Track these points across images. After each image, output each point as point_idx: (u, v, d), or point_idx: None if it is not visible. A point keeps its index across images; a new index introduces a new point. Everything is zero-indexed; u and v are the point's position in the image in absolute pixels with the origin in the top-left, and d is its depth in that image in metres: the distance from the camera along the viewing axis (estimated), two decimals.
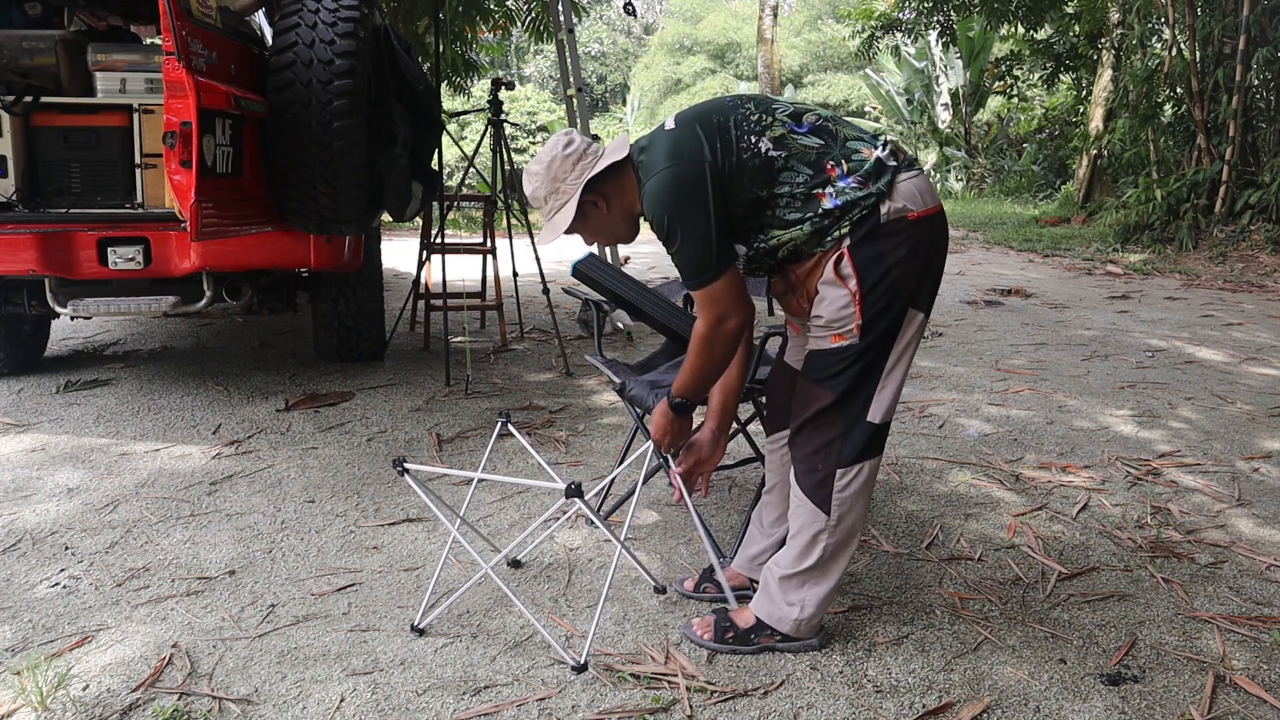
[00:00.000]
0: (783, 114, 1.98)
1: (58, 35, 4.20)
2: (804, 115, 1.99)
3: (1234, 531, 2.89)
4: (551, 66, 31.48)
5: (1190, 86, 10.21)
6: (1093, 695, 2.02)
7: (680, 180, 1.91)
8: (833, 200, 1.93)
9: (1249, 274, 8.75)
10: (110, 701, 1.97)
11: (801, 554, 2.08)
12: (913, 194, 1.94)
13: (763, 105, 2.00)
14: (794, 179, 1.95)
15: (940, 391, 4.48)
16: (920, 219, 1.94)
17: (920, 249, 1.95)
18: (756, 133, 1.95)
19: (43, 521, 2.90)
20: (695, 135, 1.94)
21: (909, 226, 1.93)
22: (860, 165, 1.94)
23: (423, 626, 2.25)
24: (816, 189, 1.94)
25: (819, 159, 1.95)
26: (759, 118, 1.97)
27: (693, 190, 1.91)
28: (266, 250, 3.88)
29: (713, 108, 2.01)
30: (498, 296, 5.45)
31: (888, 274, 1.93)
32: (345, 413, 4.07)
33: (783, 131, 1.96)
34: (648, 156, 2.00)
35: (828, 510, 2.03)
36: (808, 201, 1.95)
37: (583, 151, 2.04)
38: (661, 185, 1.92)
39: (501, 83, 5.33)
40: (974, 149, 21.55)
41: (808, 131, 1.96)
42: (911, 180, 1.95)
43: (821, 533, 2.05)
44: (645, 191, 1.97)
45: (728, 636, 2.13)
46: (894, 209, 1.92)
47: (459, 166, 19.22)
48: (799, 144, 1.95)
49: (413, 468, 2.19)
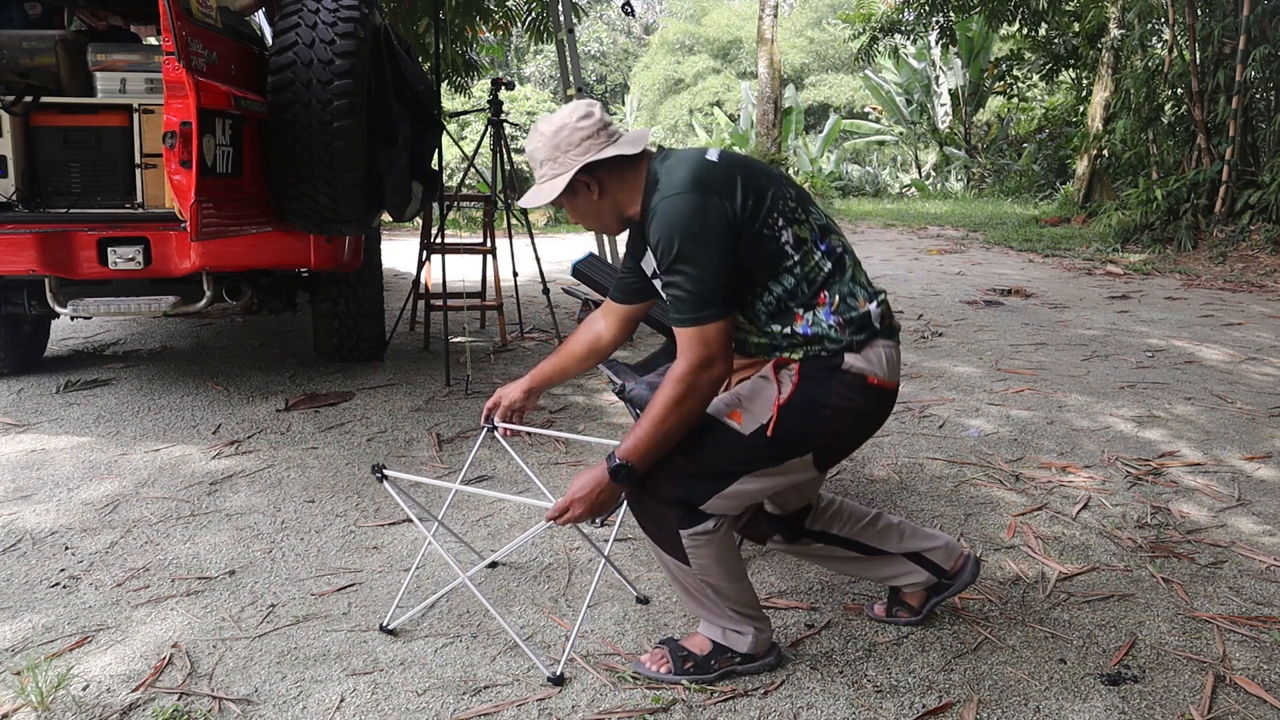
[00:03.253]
0: (814, 220, 1.93)
1: (58, 35, 4.19)
2: (830, 234, 1.94)
3: (1234, 531, 2.89)
4: (551, 66, 31.47)
5: (1190, 87, 10.21)
6: (1093, 695, 2.02)
7: (705, 210, 1.81)
8: (805, 328, 1.89)
9: (1249, 274, 8.75)
10: (110, 701, 1.97)
11: (698, 601, 2.04)
12: (882, 362, 1.90)
13: (802, 199, 1.94)
14: (787, 284, 1.88)
15: (940, 391, 4.49)
16: (877, 387, 1.90)
17: (862, 415, 1.92)
18: (785, 219, 1.88)
19: (43, 521, 2.90)
20: (732, 180, 1.85)
21: (864, 388, 1.89)
22: (849, 311, 1.89)
23: (393, 627, 2.26)
24: (799, 308, 1.89)
25: (819, 283, 1.89)
26: (795, 208, 1.90)
27: (714, 225, 1.81)
28: (266, 250, 3.88)
29: (760, 169, 1.93)
30: (498, 296, 5.45)
31: (819, 411, 1.88)
32: (345, 413, 4.07)
33: (806, 236, 1.90)
34: (671, 169, 1.89)
35: (687, 562, 1.95)
36: (784, 314, 1.90)
37: (596, 129, 1.93)
38: (681, 208, 1.82)
39: (501, 83, 5.33)
40: (974, 149, 21.57)
41: (825, 253, 1.91)
42: (887, 349, 1.92)
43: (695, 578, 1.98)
44: (659, 206, 1.85)
45: (687, 666, 2.05)
46: (858, 365, 1.88)
47: (459, 166, 19.21)
48: (812, 259, 1.89)
49: (392, 474, 2.18)
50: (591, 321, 2.28)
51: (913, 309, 6.87)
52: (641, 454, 1.85)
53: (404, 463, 3.48)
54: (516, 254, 5.43)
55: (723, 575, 1.98)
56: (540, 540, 2.76)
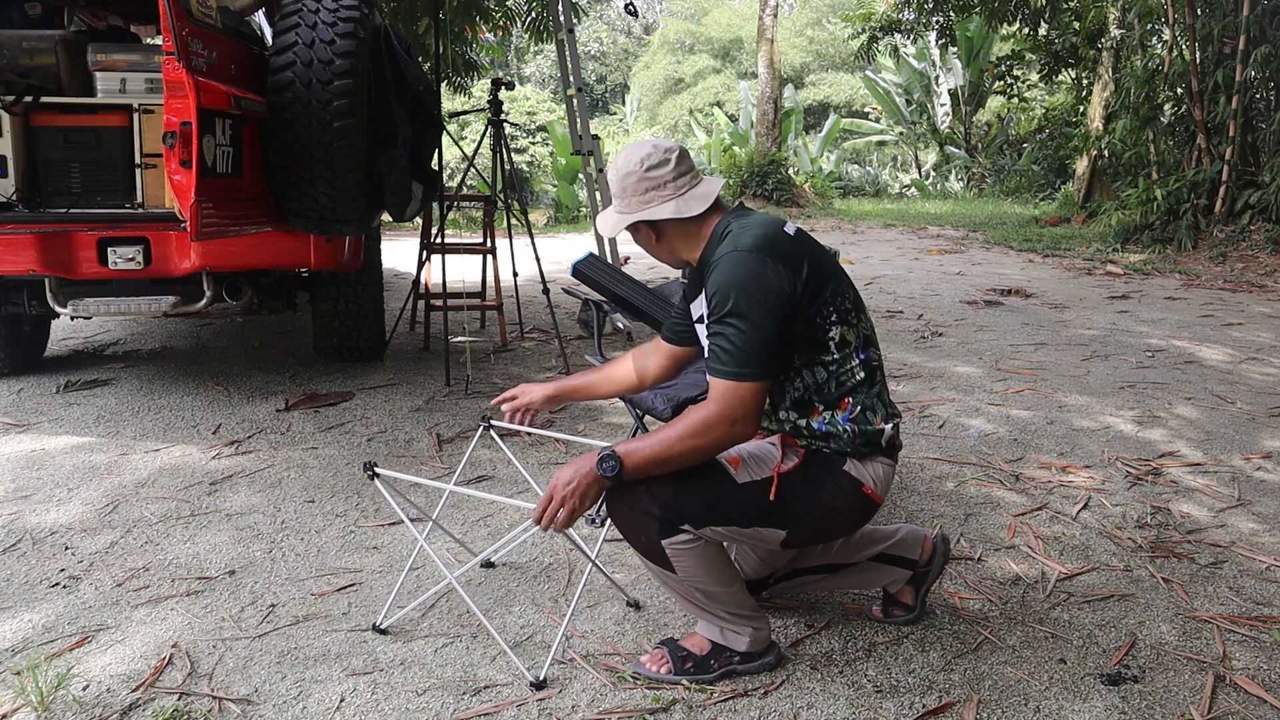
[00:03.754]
0: (862, 329, 1.97)
1: (58, 35, 4.19)
2: (870, 346, 1.98)
3: (1234, 531, 2.89)
4: (551, 66, 31.48)
5: (1190, 87, 10.21)
6: (1093, 695, 2.02)
7: (770, 274, 1.84)
8: (820, 424, 1.94)
9: (1249, 274, 8.75)
10: (110, 701, 1.97)
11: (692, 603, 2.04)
12: (879, 477, 1.97)
13: (857, 304, 1.98)
14: (819, 378, 1.93)
15: (940, 391, 4.48)
16: (868, 497, 1.97)
17: (845, 516, 1.98)
18: (839, 317, 1.92)
19: (43, 521, 2.90)
20: (800, 258, 1.88)
21: (856, 495, 1.95)
22: (865, 424, 1.93)
23: (384, 627, 2.26)
24: (820, 404, 1.94)
25: (847, 389, 1.94)
26: (849, 310, 1.94)
27: (774, 291, 1.84)
28: (266, 250, 3.88)
29: (828, 260, 1.96)
30: (498, 296, 5.45)
31: (811, 494, 1.92)
32: (345, 413, 4.07)
33: (851, 340, 1.93)
34: (746, 228, 1.92)
35: (673, 570, 1.96)
36: (804, 405, 1.95)
37: (665, 181, 1.97)
38: (748, 265, 1.84)
39: (501, 83, 5.32)
40: (974, 149, 21.57)
41: (863, 362, 1.95)
42: (885, 466, 1.98)
43: (683, 584, 1.99)
44: (725, 257, 1.88)
45: (687, 666, 2.05)
46: (858, 472, 1.94)
47: (459, 166, 19.22)
48: (849, 363, 1.93)
49: (384, 473, 2.19)
50: (643, 354, 2.32)
51: (913, 309, 6.87)
52: (636, 462, 1.83)
53: (404, 463, 3.48)
54: (516, 254, 5.43)
55: (711, 581, 1.99)
56: (539, 540, 2.76)
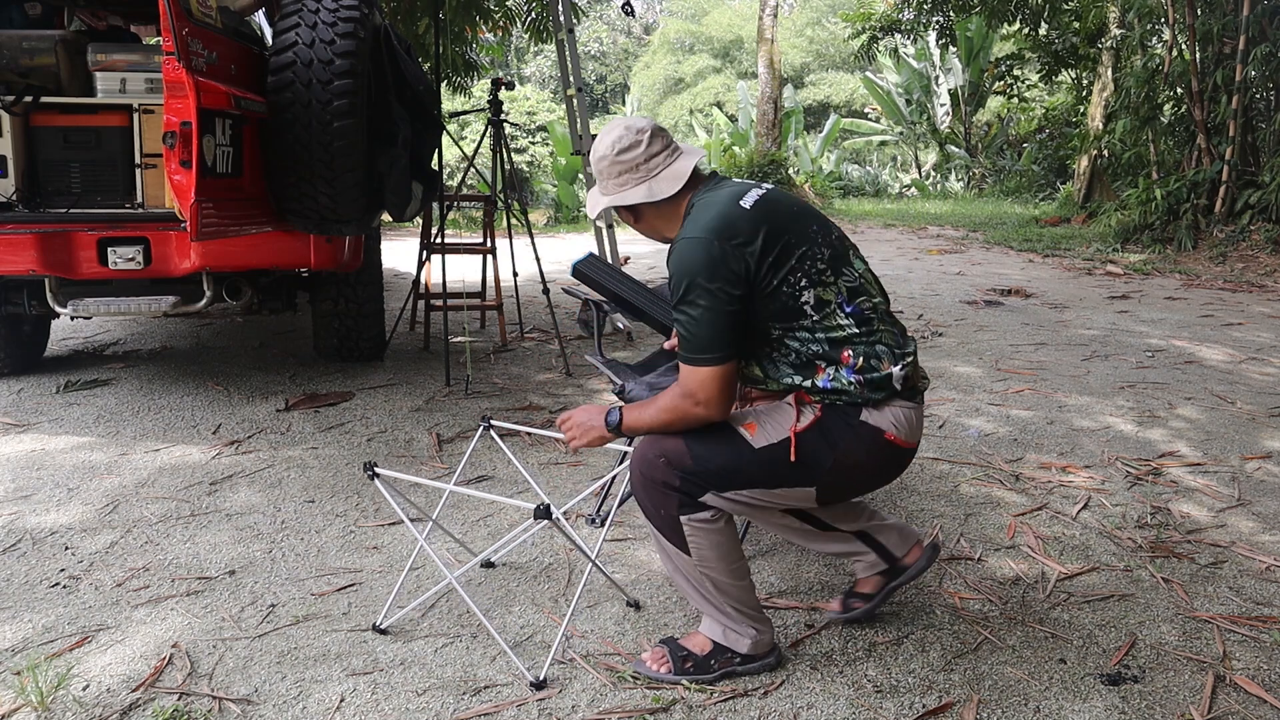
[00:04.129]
0: (844, 283, 1.93)
1: (58, 35, 4.19)
2: (859, 296, 1.94)
3: (1234, 531, 2.89)
4: (551, 66, 31.47)
5: (1190, 86, 10.21)
6: (1093, 695, 2.02)
7: (719, 258, 1.83)
8: (826, 381, 1.91)
9: (1249, 274, 8.75)
10: (110, 701, 1.97)
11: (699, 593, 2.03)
12: (900, 421, 1.92)
13: (836, 261, 1.93)
14: (808, 342, 1.91)
15: (941, 391, 4.48)
16: (893, 443, 1.93)
17: (872, 466, 1.95)
18: (810, 281, 1.89)
19: (43, 521, 2.90)
20: (756, 233, 1.85)
21: (879, 443, 1.91)
22: (871, 371, 1.90)
23: (384, 627, 2.26)
24: (820, 362, 1.91)
25: (842, 342, 1.90)
26: (824, 270, 1.90)
27: (725, 275, 1.83)
28: (266, 250, 3.88)
29: (795, 224, 1.92)
30: (498, 296, 5.45)
31: (830, 450, 1.90)
32: (345, 413, 4.07)
33: (830, 298, 1.90)
34: (704, 208, 1.91)
35: (688, 551, 1.96)
36: (805, 367, 1.93)
37: (637, 163, 1.98)
38: (696, 251, 1.85)
39: (501, 83, 5.32)
40: (974, 149, 21.57)
41: (851, 313, 1.91)
42: (906, 409, 1.93)
43: (695, 568, 1.98)
44: (678, 244, 1.89)
45: (687, 666, 2.04)
46: (876, 419, 1.91)
47: (459, 166, 19.22)
48: (834, 319, 1.90)
49: (384, 473, 2.19)
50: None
51: (913, 309, 6.87)
52: (629, 425, 1.98)
53: (404, 463, 3.48)
54: (516, 254, 5.42)
55: (723, 570, 1.98)
56: (539, 540, 2.76)
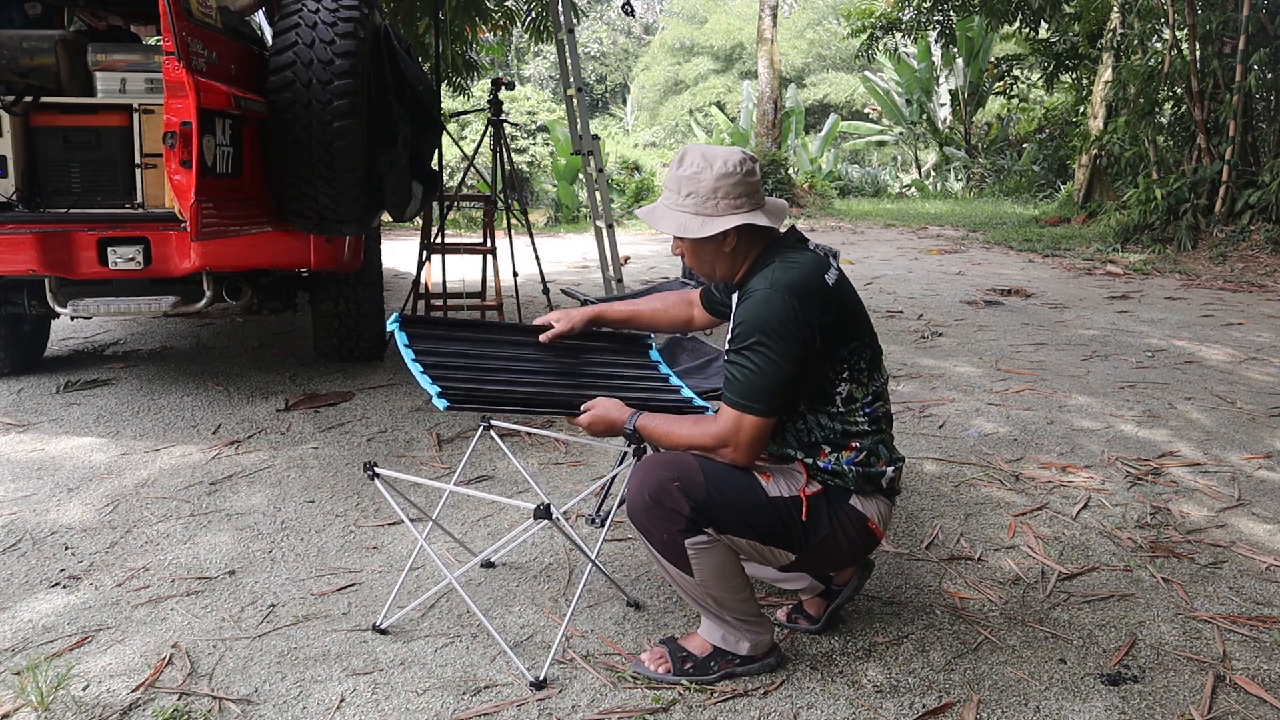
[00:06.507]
0: (874, 385, 2.01)
1: (58, 35, 4.19)
2: (879, 401, 2.02)
3: (1234, 531, 2.89)
4: (551, 66, 31.47)
5: (1190, 86, 10.21)
6: (1093, 695, 2.02)
7: (797, 320, 1.88)
8: (827, 464, 1.99)
9: (1249, 274, 8.74)
10: (110, 701, 1.97)
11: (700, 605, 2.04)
12: (882, 514, 2.04)
13: (874, 362, 2.02)
14: (824, 426, 1.99)
15: (941, 391, 4.48)
16: (872, 532, 2.03)
17: (849, 548, 2.02)
18: (850, 376, 1.97)
19: (42, 521, 2.90)
20: (827, 312, 1.92)
21: (862, 528, 2.01)
22: (868, 466, 1.99)
23: (385, 627, 2.26)
24: (827, 446, 1.99)
25: (853, 435, 1.99)
26: (863, 370, 1.99)
27: (796, 337, 1.88)
28: (266, 250, 3.88)
29: (857, 320, 2.00)
30: (498, 296, 5.45)
31: (828, 521, 1.97)
32: (345, 413, 4.07)
33: (859, 397, 1.99)
34: (790, 265, 1.94)
35: (690, 573, 1.96)
36: (811, 447, 2.00)
37: (755, 189, 1.97)
38: (777, 305, 1.88)
39: (501, 83, 5.33)
40: (974, 149, 21.56)
41: (869, 415, 2.00)
42: (883, 505, 2.04)
43: (698, 588, 1.99)
44: (759, 291, 1.91)
45: (686, 667, 2.05)
46: (863, 507, 2.00)
47: (459, 166, 19.21)
48: (854, 415, 1.99)
49: (384, 473, 2.18)
50: (689, 302, 2.37)
51: (913, 309, 6.87)
52: (647, 434, 2.05)
53: (404, 463, 3.48)
54: (516, 254, 5.42)
55: (724, 587, 1.99)
56: (540, 540, 2.76)
